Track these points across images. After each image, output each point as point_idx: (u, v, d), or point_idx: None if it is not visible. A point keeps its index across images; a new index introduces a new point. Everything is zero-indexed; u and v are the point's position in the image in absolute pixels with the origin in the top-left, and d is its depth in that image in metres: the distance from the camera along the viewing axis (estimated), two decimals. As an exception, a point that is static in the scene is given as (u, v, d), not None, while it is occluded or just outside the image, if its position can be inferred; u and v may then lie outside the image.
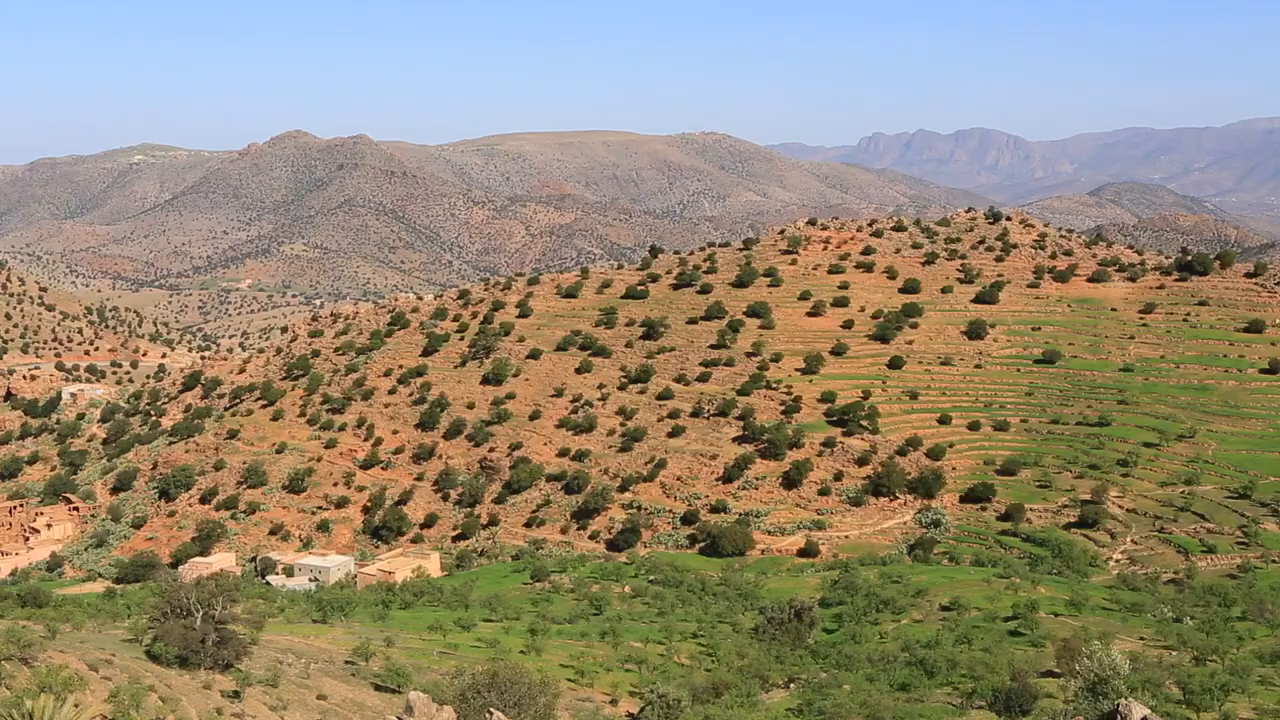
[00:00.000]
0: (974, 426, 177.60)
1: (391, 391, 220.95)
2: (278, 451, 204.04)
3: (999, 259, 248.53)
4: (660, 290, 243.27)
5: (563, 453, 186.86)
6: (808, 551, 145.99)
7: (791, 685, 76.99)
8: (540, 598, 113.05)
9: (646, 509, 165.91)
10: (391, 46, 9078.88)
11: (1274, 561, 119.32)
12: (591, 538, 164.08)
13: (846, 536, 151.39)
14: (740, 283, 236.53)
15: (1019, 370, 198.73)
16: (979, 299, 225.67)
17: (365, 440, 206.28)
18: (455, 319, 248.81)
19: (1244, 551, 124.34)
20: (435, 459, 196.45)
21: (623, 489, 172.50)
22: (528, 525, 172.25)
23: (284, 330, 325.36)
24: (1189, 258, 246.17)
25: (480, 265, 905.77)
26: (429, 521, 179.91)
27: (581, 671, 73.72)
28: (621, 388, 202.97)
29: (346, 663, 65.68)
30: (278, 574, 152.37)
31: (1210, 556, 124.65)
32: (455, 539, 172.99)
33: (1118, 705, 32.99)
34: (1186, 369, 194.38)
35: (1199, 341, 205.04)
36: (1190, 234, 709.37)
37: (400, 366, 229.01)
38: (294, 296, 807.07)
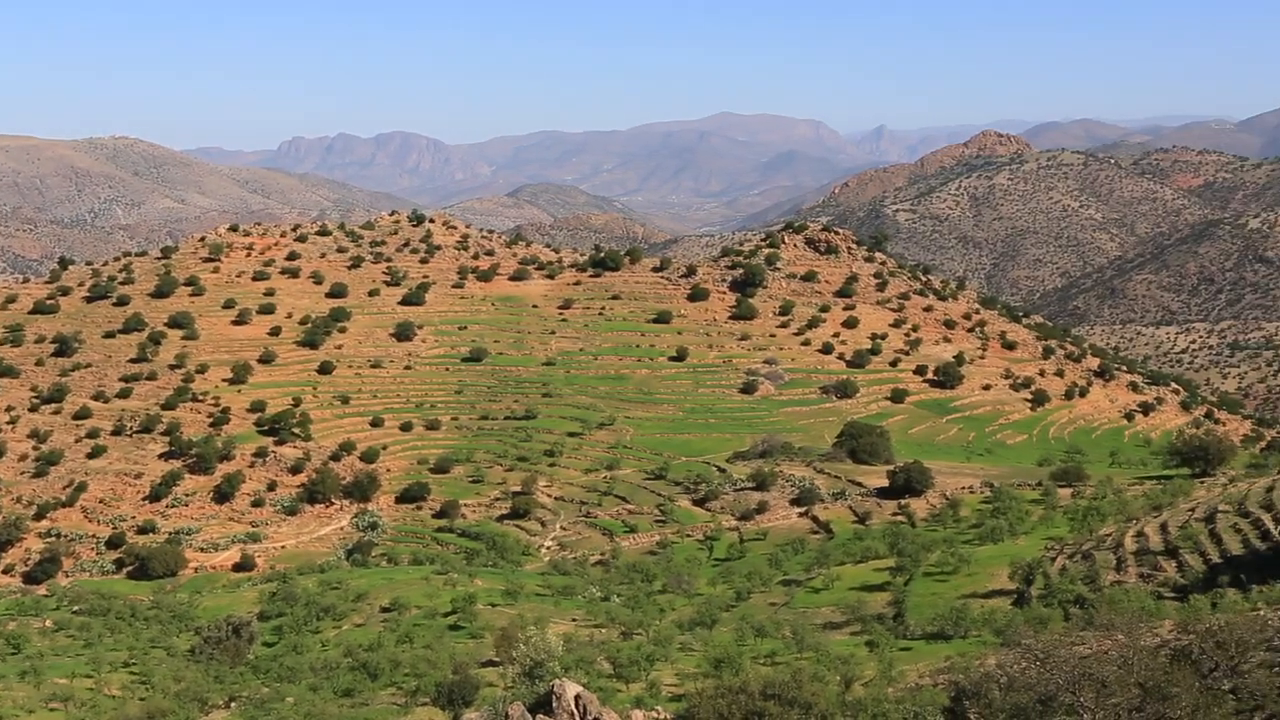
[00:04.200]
0: (406, 427, 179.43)
1: None
2: None
3: (424, 261, 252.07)
4: (72, 304, 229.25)
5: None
6: (244, 565, 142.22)
7: (233, 704, 74.77)
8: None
9: (67, 536, 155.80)
10: None
11: (688, 536, 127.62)
12: (6, 572, 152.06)
13: (283, 547, 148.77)
14: (160, 293, 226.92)
15: (448, 369, 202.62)
16: (406, 301, 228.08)
17: None
18: None
19: (661, 528, 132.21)
20: None
21: (39, 517, 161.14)
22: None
23: None
24: (602, 254, 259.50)
25: None
26: None
27: (0, 716, 68.42)
28: (33, 409, 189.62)
29: None
30: None
31: (633, 536, 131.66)
32: None
33: (553, 686, 34.09)
34: (604, 360, 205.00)
35: (614, 333, 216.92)
36: (602, 232, 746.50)
37: None
38: None
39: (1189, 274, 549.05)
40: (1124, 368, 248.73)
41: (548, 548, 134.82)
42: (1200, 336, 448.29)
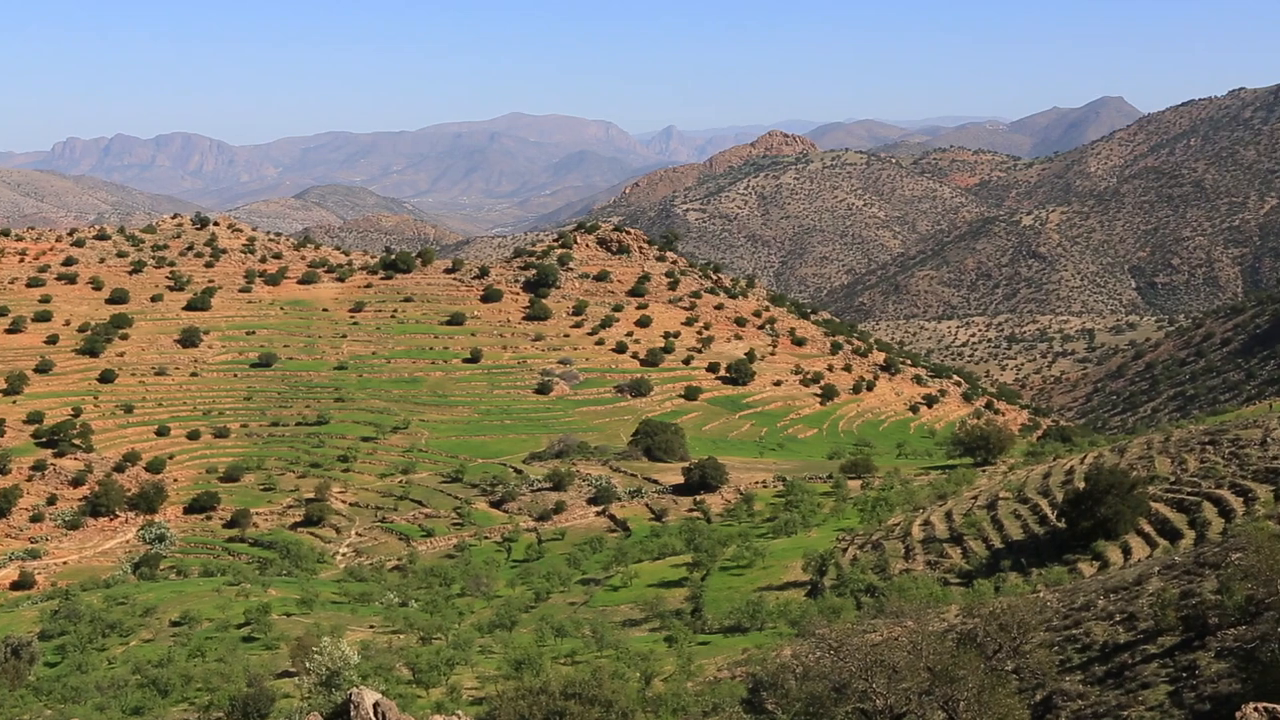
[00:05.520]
0: (194, 436, 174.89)
1: None
2: None
3: (209, 265, 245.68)
4: None
5: None
6: (22, 583, 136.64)
7: (13, 728, 71.97)
8: None
9: None
10: None
11: (486, 538, 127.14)
12: None
13: (65, 563, 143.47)
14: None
15: (236, 375, 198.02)
16: (191, 306, 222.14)
17: None
18: None
19: (459, 531, 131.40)
20: None
21: None
22: None
23: None
24: (393, 256, 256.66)
25: None
26: None
27: None
28: None
29: None
30: None
31: (430, 540, 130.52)
32: None
33: (350, 694, 33.61)
34: (398, 363, 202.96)
35: (407, 336, 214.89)
36: (393, 234, 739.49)
37: None
38: None
39: (968, 270, 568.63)
40: (908, 361, 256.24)
41: (343, 555, 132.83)
42: (979, 330, 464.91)
